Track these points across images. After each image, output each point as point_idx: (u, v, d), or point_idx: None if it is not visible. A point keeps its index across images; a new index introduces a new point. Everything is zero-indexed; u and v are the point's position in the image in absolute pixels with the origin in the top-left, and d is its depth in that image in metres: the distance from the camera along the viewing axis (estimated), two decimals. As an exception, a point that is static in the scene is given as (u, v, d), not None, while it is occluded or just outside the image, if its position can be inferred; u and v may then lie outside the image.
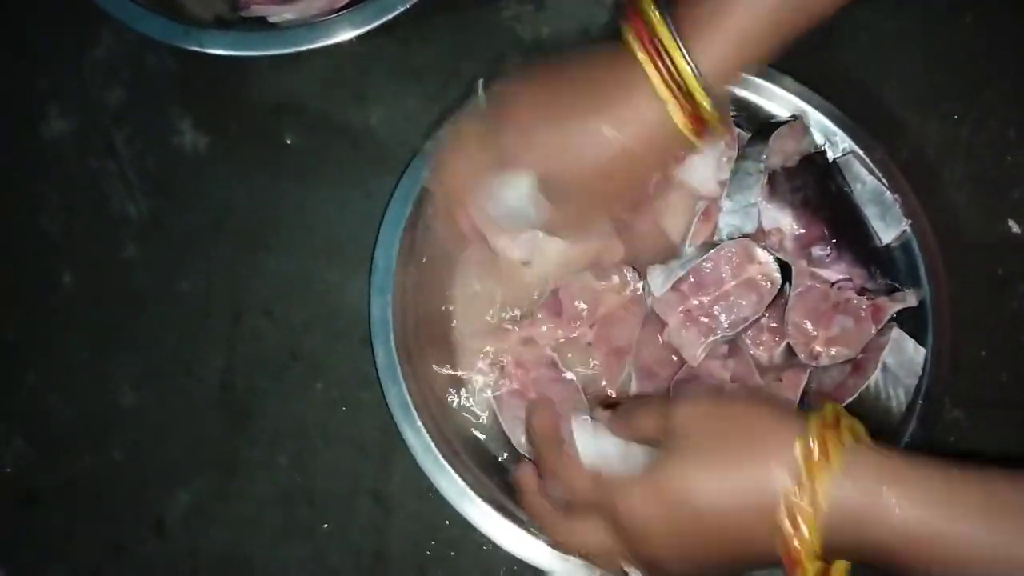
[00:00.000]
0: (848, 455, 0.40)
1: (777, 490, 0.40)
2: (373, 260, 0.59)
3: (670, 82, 0.46)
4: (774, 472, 0.41)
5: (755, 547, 0.42)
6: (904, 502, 0.39)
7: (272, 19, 0.63)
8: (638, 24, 0.47)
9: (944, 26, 0.66)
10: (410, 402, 0.56)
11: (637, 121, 0.47)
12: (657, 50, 0.46)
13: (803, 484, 0.40)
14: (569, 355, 0.58)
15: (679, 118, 0.46)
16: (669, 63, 0.45)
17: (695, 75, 0.45)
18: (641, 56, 0.46)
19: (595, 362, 0.57)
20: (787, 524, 0.40)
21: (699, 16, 0.46)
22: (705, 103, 0.46)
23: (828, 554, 0.40)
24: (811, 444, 0.40)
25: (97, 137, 0.65)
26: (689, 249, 0.58)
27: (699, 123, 0.47)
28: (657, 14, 0.46)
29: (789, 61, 0.61)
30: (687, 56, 0.45)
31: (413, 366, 0.58)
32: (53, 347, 0.62)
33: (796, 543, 0.40)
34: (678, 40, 0.45)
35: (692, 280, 0.56)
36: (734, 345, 0.57)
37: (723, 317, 0.56)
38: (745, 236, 0.57)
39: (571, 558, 0.53)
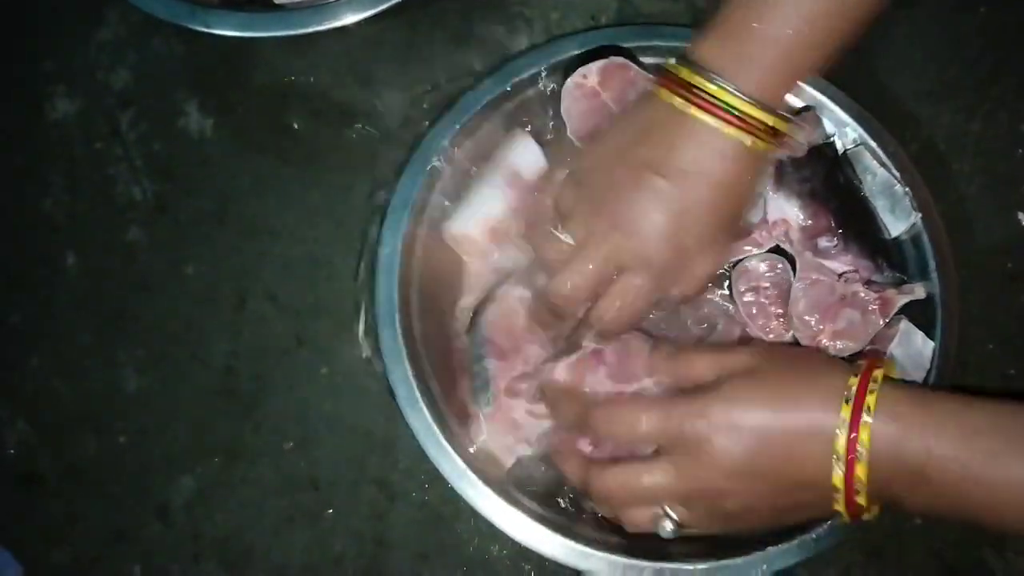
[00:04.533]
0: (887, 392, 0.44)
1: (831, 425, 0.43)
2: (380, 242, 0.58)
3: (731, 119, 0.48)
4: (830, 406, 0.44)
5: (805, 487, 0.45)
6: (939, 432, 0.43)
7: (279, 0, 0.63)
8: (675, 86, 0.49)
9: (957, 18, 0.66)
10: (414, 385, 0.56)
11: (716, 158, 0.49)
12: (706, 100, 0.48)
13: (854, 420, 0.43)
14: None
15: (755, 143, 0.49)
16: (721, 106, 0.48)
17: (751, 103, 0.47)
18: (695, 112, 0.48)
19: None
20: (841, 450, 0.43)
21: (732, 48, 0.48)
22: (770, 120, 0.48)
23: (872, 488, 0.44)
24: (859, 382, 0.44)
25: (102, 119, 0.65)
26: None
27: (774, 135, 0.49)
28: (693, 73, 0.48)
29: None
30: (738, 92, 0.47)
31: (417, 349, 0.58)
32: (57, 330, 0.62)
33: (855, 471, 0.43)
34: (724, 84, 0.47)
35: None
36: (744, 336, 0.57)
37: None
38: (749, 225, 0.57)
39: (597, 552, 0.54)
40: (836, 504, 0.45)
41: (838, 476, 0.44)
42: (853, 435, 0.43)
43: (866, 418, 0.43)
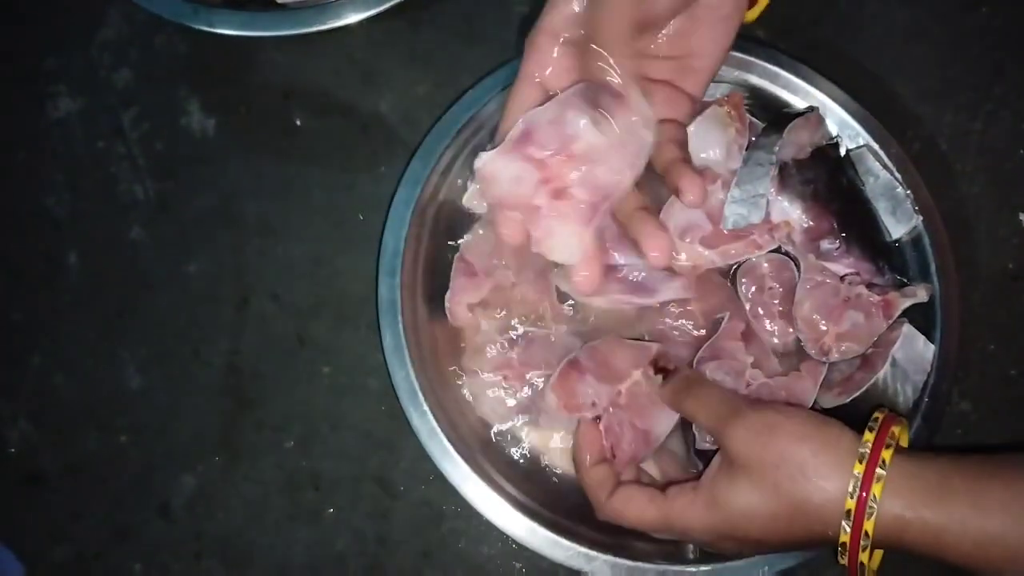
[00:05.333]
0: (891, 473, 0.44)
1: (832, 512, 0.44)
2: (382, 242, 0.58)
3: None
4: (833, 495, 0.44)
5: (807, 544, 0.47)
6: (939, 516, 0.43)
7: (281, 0, 0.63)
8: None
9: (959, 18, 0.66)
10: (416, 386, 0.56)
11: None
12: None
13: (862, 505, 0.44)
14: None
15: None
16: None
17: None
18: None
19: None
20: (849, 535, 0.44)
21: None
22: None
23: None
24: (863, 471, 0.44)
25: (105, 118, 0.65)
26: None
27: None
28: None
29: (804, 50, 0.61)
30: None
31: (421, 350, 0.58)
32: (59, 329, 0.62)
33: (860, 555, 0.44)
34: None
35: None
36: (749, 331, 0.57)
37: None
38: (751, 227, 0.57)
39: (600, 555, 0.55)
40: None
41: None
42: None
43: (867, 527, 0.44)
